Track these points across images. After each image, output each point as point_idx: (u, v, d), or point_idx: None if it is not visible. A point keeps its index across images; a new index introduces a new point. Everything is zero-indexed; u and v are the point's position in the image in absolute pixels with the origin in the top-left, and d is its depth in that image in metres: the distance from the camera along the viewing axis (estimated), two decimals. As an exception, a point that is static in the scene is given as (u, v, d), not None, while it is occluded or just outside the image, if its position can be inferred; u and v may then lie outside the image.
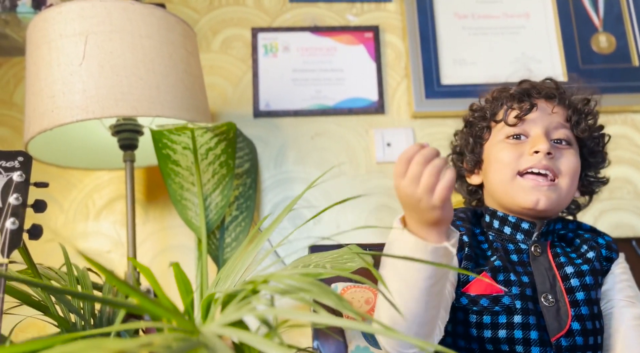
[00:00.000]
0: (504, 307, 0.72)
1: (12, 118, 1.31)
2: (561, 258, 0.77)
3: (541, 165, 0.75)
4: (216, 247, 1.07)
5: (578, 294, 0.74)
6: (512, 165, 0.77)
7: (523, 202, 0.76)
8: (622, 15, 1.40)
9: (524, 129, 0.79)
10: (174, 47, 0.99)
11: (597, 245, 0.80)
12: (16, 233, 0.59)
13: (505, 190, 0.78)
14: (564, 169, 0.77)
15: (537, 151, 0.76)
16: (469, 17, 1.40)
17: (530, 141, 0.78)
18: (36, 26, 0.97)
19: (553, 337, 0.70)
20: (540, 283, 0.74)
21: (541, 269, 0.76)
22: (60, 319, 0.66)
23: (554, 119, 0.80)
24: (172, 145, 1.01)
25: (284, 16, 1.39)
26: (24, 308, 0.68)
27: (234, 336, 0.38)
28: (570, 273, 0.75)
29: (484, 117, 0.85)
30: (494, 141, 0.82)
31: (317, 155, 1.31)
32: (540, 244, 0.79)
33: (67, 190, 1.27)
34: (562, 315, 0.72)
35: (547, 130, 0.79)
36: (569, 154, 0.79)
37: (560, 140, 0.79)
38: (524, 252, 0.78)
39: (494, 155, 0.81)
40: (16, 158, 0.65)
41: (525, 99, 0.80)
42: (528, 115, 0.79)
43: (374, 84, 1.35)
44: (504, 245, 0.78)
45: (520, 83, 0.85)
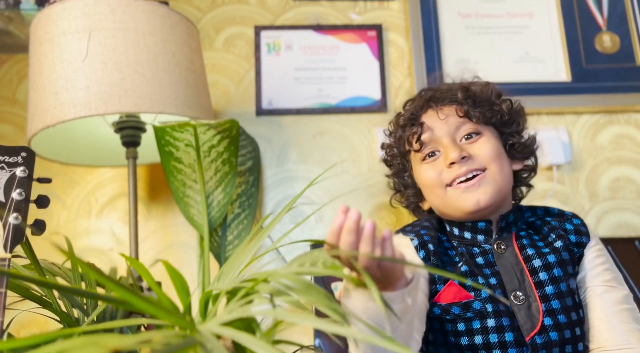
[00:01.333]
0: (475, 312, 0.71)
1: (15, 115, 1.31)
2: (528, 251, 0.76)
3: (462, 172, 0.75)
4: (218, 245, 1.07)
5: (547, 288, 0.72)
6: (438, 183, 0.77)
7: (464, 207, 0.75)
8: (626, 14, 1.40)
9: (432, 146, 0.79)
10: (177, 44, 0.99)
11: (564, 232, 0.78)
12: (19, 229, 0.59)
13: (445, 205, 0.78)
14: (485, 159, 0.76)
15: (452, 162, 0.75)
16: (472, 16, 1.40)
17: (442, 154, 0.78)
18: (39, 23, 0.97)
19: (527, 336, 0.69)
20: (508, 282, 0.73)
21: (507, 266, 0.75)
22: (62, 315, 0.66)
23: (450, 121, 0.79)
24: (175, 143, 1.01)
25: (287, 14, 1.39)
26: (26, 303, 0.68)
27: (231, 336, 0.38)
28: (538, 266, 0.74)
29: (396, 154, 0.86)
30: (416, 168, 0.83)
31: (319, 153, 1.31)
32: (503, 240, 0.77)
33: (69, 187, 1.27)
34: (533, 311, 0.71)
35: (450, 135, 0.78)
36: (482, 142, 0.78)
37: (468, 135, 0.78)
38: (488, 252, 0.77)
39: (421, 181, 0.82)
40: (19, 153, 0.65)
41: (414, 122, 0.81)
42: (425, 135, 0.79)
43: (376, 83, 1.35)
44: (469, 250, 0.78)
45: (404, 105, 0.87)
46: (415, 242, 0.77)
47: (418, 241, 0.77)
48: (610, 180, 1.32)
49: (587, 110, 1.34)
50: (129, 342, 0.31)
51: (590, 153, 1.33)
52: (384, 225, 1.26)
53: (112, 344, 0.30)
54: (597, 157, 1.33)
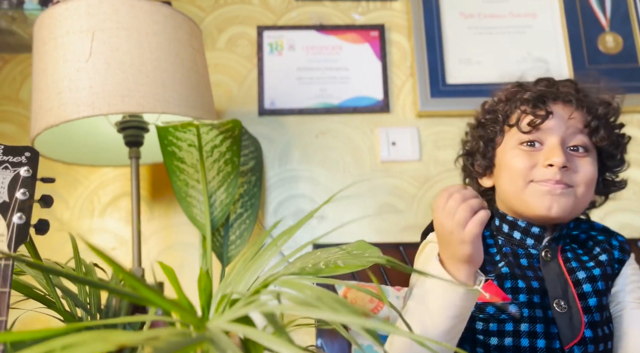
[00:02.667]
0: (509, 315, 0.70)
1: (18, 115, 1.32)
2: (572, 263, 0.75)
3: (555, 179, 0.72)
4: (220, 245, 1.07)
5: (590, 300, 0.72)
6: (525, 175, 0.74)
7: (535, 208, 0.73)
8: (629, 15, 1.40)
9: (539, 136, 0.75)
10: (180, 44, 0.99)
11: (610, 247, 0.78)
12: (23, 228, 0.59)
13: (517, 196, 0.75)
14: (579, 180, 0.73)
15: (551, 164, 0.72)
16: (475, 16, 1.40)
17: (545, 151, 0.74)
18: (43, 23, 0.97)
19: (566, 345, 0.69)
20: (551, 289, 0.72)
21: (552, 274, 0.74)
22: (66, 314, 0.66)
23: (571, 125, 0.75)
24: (178, 142, 1.01)
25: (290, 14, 1.39)
26: (30, 303, 0.68)
27: (240, 332, 0.38)
28: (582, 278, 0.73)
29: (496, 120, 0.80)
30: (507, 147, 0.78)
31: (321, 153, 1.31)
32: (550, 249, 0.76)
33: (72, 186, 1.28)
34: (575, 322, 0.70)
35: (563, 138, 0.74)
36: (586, 162, 0.74)
37: (577, 147, 0.75)
38: (534, 257, 0.76)
39: (507, 162, 0.77)
40: (23, 153, 0.65)
41: (541, 105, 0.75)
42: (545, 124, 0.74)
43: (379, 83, 1.35)
44: (514, 249, 0.76)
45: (536, 83, 0.80)
46: None
47: None
48: (613, 181, 1.31)
49: (589, 110, 1.34)
50: (136, 338, 0.31)
51: (593, 153, 1.33)
52: (386, 225, 1.26)
53: (119, 340, 0.30)
54: (600, 158, 1.33)
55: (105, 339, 0.30)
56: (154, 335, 0.33)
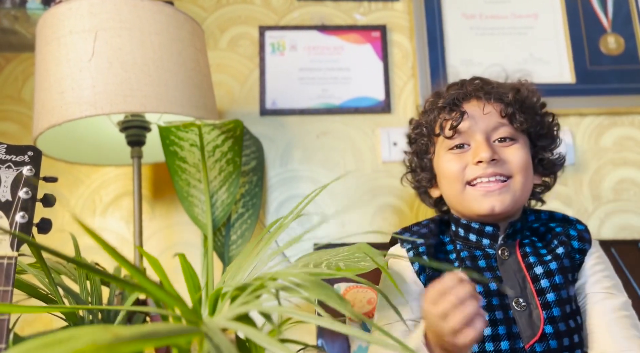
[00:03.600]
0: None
1: (20, 114, 1.32)
2: (530, 258, 0.75)
3: (487, 173, 0.74)
4: (222, 244, 1.08)
5: (549, 296, 0.72)
6: (459, 177, 0.76)
7: (478, 210, 0.75)
8: (631, 16, 1.40)
9: (464, 138, 0.77)
10: (183, 44, 0.99)
11: (568, 238, 0.77)
12: (26, 227, 0.60)
13: (458, 201, 0.77)
14: (513, 167, 0.75)
15: (480, 160, 0.74)
16: (476, 17, 1.40)
17: (472, 150, 0.76)
18: (46, 22, 0.97)
19: (527, 344, 0.69)
20: (510, 288, 0.73)
21: (510, 273, 0.74)
22: (67, 313, 0.66)
23: (491, 118, 0.77)
24: (180, 142, 1.01)
25: (292, 14, 1.39)
26: (32, 302, 0.68)
27: (238, 330, 0.38)
28: (539, 274, 0.73)
29: (423, 133, 0.83)
30: (439, 154, 0.81)
31: (322, 154, 1.31)
32: (507, 246, 0.77)
33: (74, 185, 1.28)
34: (534, 319, 0.70)
35: (486, 133, 0.76)
36: (515, 149, 0.76)
37: (503, 139, 0.77)
38: (491, 256, 0.76)
39: (441, 169, 0.80)
40: (26, 152, 0.65)
41: (455, 108, 0.78)
42: (462, 124, 0.77)
43: (380, 83, 1.35)
44: (471, 252, 0.77)
45: (448, 88, 0.83)
46: (411, 254, 0.77)
47: (413, 253, 0.77)
48: (614, 182, 1.31)
49: (591, 111, 1.34)
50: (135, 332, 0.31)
51: (594, 155, 1.33)
52: (387, 226, 1.26)
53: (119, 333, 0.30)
54: (601, 159, 1.33)
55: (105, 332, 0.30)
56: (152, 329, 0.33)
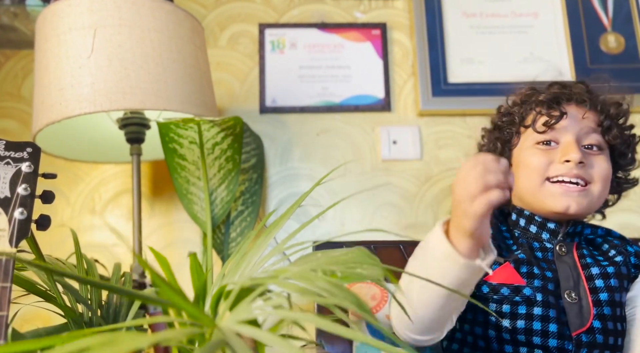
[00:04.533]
0: (524, 297, 0.72)
1: (20, 111, 1.32)
2: (587, 259, 0.77)
3: (572, 174, 0.74)
4: (221, 242, 1.08)
5: (602, 294, 0.73)
6: (541, 172, 0.77)
7: (553, 206, 0.75)
8: (632, 15, 1.40)
9: (554, 135, 0.78)
10: (183, 41, 0.99)
11: (625, 251, 0.79)
12: (24, 224, 0.59)
13: (534, 194, 0.78)
14: (595, 176, 0.76)
15: (568, 160, 0.75)
16: (477, 15, 1.40)
17: (561, 149, 0.77)
18: (45, 19, 0.97)
19: (574, 332, 0.71)
20: (564, 280, 0.74)
21: (565, 267, 0.76)
22: (67, 309, 0.66)
23: (585, 124, 0.78)
24: (179, 139, 1.01)
25: (292, 12, 1.39)
26: (31, 298, 0.68)
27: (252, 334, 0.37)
28: (595, 274, 0.75)
29: (513, 122, 0.84)
30: (523, 146, 0.81)
31: (322, 152, 1.31)
32: (565, 244, 0.78)
33: (74, 183, 1.28)
34: (584, 312, 0.72)
35: (578, 136, 0.77)
36: (600, 159, 0.77)
37: (591, 146, 0.78)
38: (549, 250, 0.78)
39: (523, 161, 0.80)
40: (25, 149, 0.65)
41: (555, 106, 0.79)
42: (560, 124, 0.77)
43: (380, 82, 1.35)
44: (529, 242, 0.79)
45: (550, 86, 0.83)
46: None
47: None
48: (614, 181, 1.31)
49: (591, 110, 1.34)
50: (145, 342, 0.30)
51: (594, 153, 1.33)
52: (387, 224, 1.26)
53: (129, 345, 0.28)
54: (601, 158, 1.33)
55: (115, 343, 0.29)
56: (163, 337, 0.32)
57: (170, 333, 0.32)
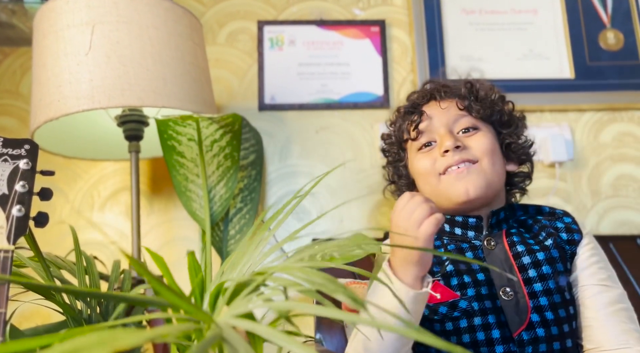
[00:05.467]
0: (462, 311, 0.72)
1: (19, 108, 1.32)
2: (518, 247, 0.76)
3: (455, 160, 0.77)
4: (220, 239, 1.08)
5: (535, 285, 0.73)
6: (432, 171, 0.80)
7: (455, 196, 0.77)
8: (631, 12, 1.39)
9: (429, 135, 0.82)
10: (181, 38, 0.99)
11: (555, 230, 0.78)
12: (22, 221, 0.59)
13: (437, 193, 0.79)
14: (478, 153, 0.78)
15: (446, 150, 0.77)
16: (476, 12, 1.40)
17: (438, 143, 0.80)
18: (43, 16, 0.97)
19: (515, 332, 0.70)
20: (497, 277, 0.74)
21: (497, 262, 0.75)
22: (65, 306, 0.66)
23: (450, 112, 0.81)
24: (177, 137, 1.01)
25: (290, 9, 1.39)
26: (30, 295, 0.68)
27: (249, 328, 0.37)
28: (527, 263, 0.74)
29: (393, 142, 0.89)
30: (411, 158, 0.86)
31: (321, 149, 1.31)
32: (493, 236, 0.78)
33: (72, 180, 1.28)
34: (521, 307, 0.71)
35: (448, 127, 0.80)
36: (478, 136, 0.80)
37: (466, 129, 0.80)
38: (478, 248, 0.78)
39: (416, 169, 0.84)
40: (22, 146, 0.65)
41: (414, 111, 0.84)
42: (423, 124, 0.82)
43: (379, 79, 1.34)
44: (458, 245, 0.79)
45: (408, 97, 0.90)
46: None
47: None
48: (613, 178, 1.31)
49: (590, 107, 1.34)
50: (143, 338, 0.29)
51: (593, 150, 1.33)
52: (385, 221, 1.26)
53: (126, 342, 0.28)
54: (600, 155, 1.33)
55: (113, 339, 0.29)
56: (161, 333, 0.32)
57: (166, 329, 0.32)
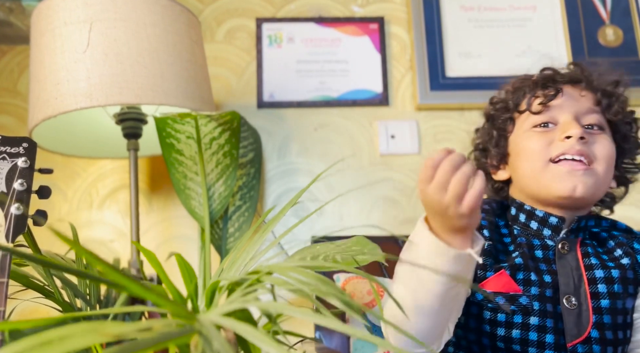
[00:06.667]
0: (520, 306, 0.68)
1: (16, 107, 1.31)
2: (592, 259, 0.71)
3: (574, 150, 0.70)
4: (219, 237, 1.08)
5: (603, 301, 0.69)
6: (542, 153, 0.72)
7: (559, 190, 0.70)
8: (630, 8, 1.39)
9: (552, 115, 0.74)
10: (179, 36, 0.98)
11: (633, 250, 0.73)
12: (21, 219, 0.59)
13: (537, 179, 0.72)
14: (599, 154, 0.71)
15: (568, 136, 0.70)
16: (475, 9, 1.39)
17: (560, 127, 0.72)
18: (40, 14, 0.96)
19: (570, 343, 0.67)
20: (563, 284, 0.70)
21: (567, 268, 0.71)
22: (65, 304, 0.66)
23: (583, 103, 0.74)
24: (176, 134, 1.01)
25: (289, 6, 1.38)
26: (29, 293, 0.68)
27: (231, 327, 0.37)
28: (599, 277, 0.70)
29: (507, 109, 0.79)
30: (520, 132, 0.77)
31: (320, 146, 1.31)
32: (568, 241, 0.73)
33: (71, 179, 1.28)
34: (582, 320, 0.68)
35: (576, 115, 0.73)
36: (603, 138, 0.73)
37: (592, 126, 0.73)
38: (550, 248, 0.73)
39: (522, 146, 0.75)
40: (21, 144, 0.64)
41: (550, 85, 0.75)
42: (554, 101, 0.73)
43: (378, 76, 1.34)
44: (529, 240, 0.74)
45: (543, 70, 0.80)
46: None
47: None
48: (612, 175, 1.31)
49: (589, 104, 1.34)
50: (129, 329, 0.31)
51: (592, 147, 1.33)
52: (385, 219, 1.26)
53: (113, 331, 0.30)
54: (599, 151, 1.33)
55: (98, 330, 0.30)
56: (146, 326, 0.33)
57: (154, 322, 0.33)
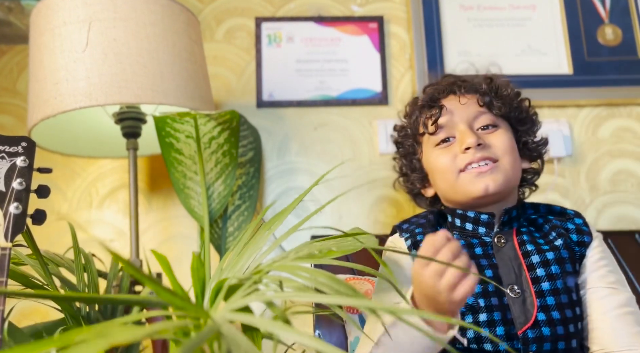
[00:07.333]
0: (467, 306, 0.72)
1: (16, 106, 1.31)
2: (527, 246, 0.76)
3: (477, 158, 0.76)
4: (219, 236, 1.08)
5: (543, 284, 0.73)
6: (451, 167, 0.79)
7: (473, 192, 0.76)
8: (629, 7, 1.39)
9: (448, 131, 0.81)
10: (178, 35, 0.98)
11: (565, 231, 0.78)
12: (20, 218, 0.59)
13: (454, 189, 0.79)
14: (499, 151, 0.78)
15: (467, 147, 0.77)
16: (474, 8, 1.39)
17: (458, 140, 0.79)
18: (40, 13, 0.96)
19: (520, 330, 0.70)
20: (505, 275, 0.74)
21: (506, 260, 0.76)
22: (64, 304, 0.66)
23: (470, 108, 0.81)
24: (175, 134, 1.01)
25: (288, 6, 1.38)
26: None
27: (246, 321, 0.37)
28: (536, 262, 0.74)
29: (408, 135, 0.88)
30: (428, 152, 0.84)
31: (320, 146, 1.31)
32: (503, 234, 0.78)
33: (70, 178, 1.28)
34: (527, 306, 0.72)
35: (469, 122, 0.80)
36: (498, 134, 0.80)
37: (486, 126, 0.80)
38: (488, 244, 0.78)
39: (433, 165, 0.83)
40: (19, 143, 0.65)
41: (433, 104, 0.82)
42: (443, 118, 0.80)
43: (377, 75, 1.34)
44: (468, 241, 0.79)
45: (424, 90, 0.88)
46: (409, 242, 0.80)
47: (411, 242, 0.80)
48: (612, 173, 1.31)
49: (588, 103, 1.34)
50: (140, 334, 0.29)
51: (591, 146, 1.33)
52: (384, 217, 1.26)
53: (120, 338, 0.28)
54: (599, 150, 1.33)
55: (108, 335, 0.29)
56: (156, 329, 0.32)
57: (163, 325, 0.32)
